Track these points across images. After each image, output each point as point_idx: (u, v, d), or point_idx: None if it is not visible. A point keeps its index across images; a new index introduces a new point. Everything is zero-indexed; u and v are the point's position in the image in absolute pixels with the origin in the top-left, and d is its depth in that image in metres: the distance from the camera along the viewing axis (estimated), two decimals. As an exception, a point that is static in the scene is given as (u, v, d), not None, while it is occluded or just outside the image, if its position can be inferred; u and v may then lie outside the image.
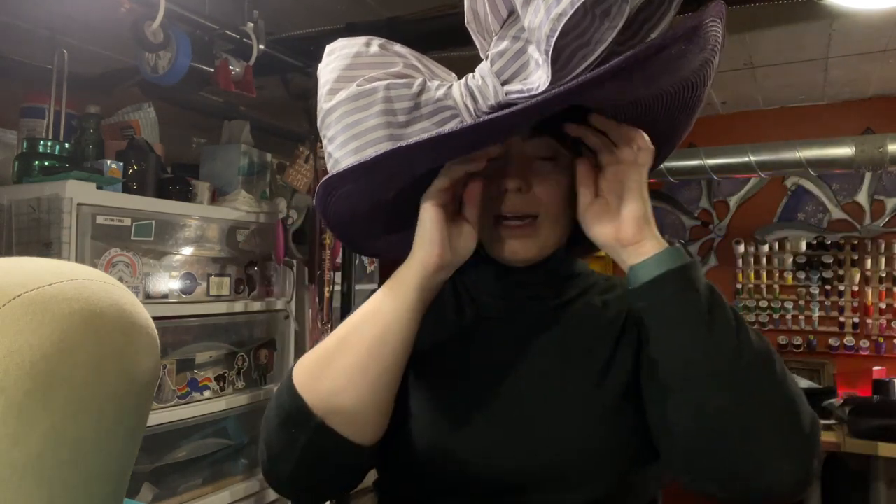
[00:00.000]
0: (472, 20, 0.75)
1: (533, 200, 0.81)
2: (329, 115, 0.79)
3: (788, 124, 3.55)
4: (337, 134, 0.78)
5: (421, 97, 0.75)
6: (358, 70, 0.79)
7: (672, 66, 0.69)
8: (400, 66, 0.79)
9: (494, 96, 0.72)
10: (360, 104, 0.76)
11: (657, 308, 0.73)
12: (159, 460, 2.13)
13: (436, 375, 0.84)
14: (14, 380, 0.44)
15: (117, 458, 0.52)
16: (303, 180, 2.50)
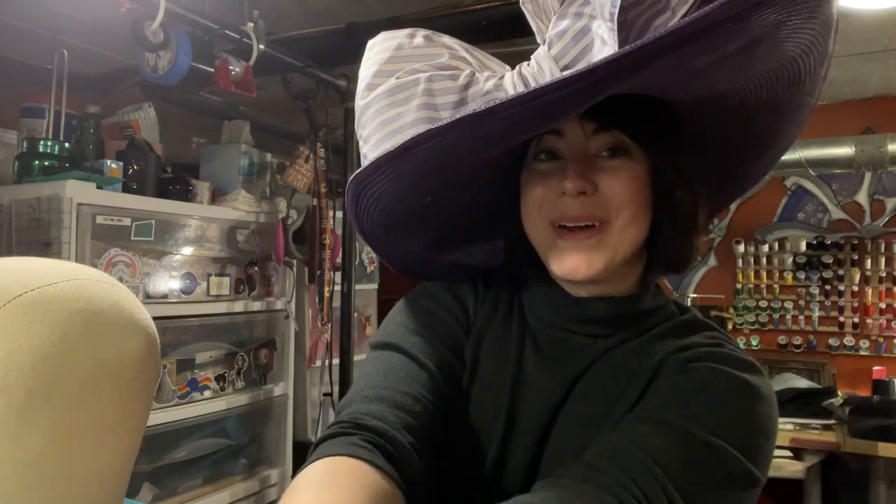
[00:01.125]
0: (528, 1, 0.66)
1: (599, 203, 0.67)
2: (364, 112, 0.70)
3: (788, 124, 3.55)
4: (371, 133, 0.68)
5: (468, 90, 0.66)
6: (399, 63, 0.69)
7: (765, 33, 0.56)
8: (446, 56, 0.69)
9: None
10: (398, 98, 0.67)
11: None
12: (159, 460, 2.13)
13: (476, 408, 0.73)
14: (14, 380, 0.44)
15: (117, 457, 0.52)
16: (303, 180, 2.50)
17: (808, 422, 2.96)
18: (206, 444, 2.31)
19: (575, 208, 0.67)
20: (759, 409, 0.64)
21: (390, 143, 0.65)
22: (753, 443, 0.62)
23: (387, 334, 0.75)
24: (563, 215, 0.67)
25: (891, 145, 2.99)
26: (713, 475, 0.60)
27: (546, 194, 0.68)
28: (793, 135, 0.74)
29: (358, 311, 3.02)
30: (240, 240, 2.39)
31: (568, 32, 0.62)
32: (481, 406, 0.72)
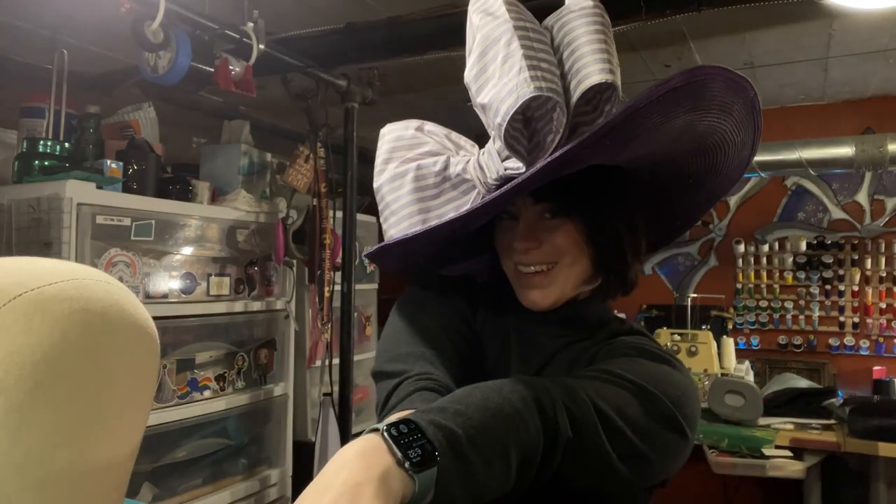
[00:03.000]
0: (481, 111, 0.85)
1: (545, 252, 0.87)
2: (378, 192, 0.94)
3: (788, 124, 3.55)
4: (383, 210, 0.93)
5: (446, 172, 0.88)
6: (398, 152, 0.93)
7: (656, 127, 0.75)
8: (429, 145, 0.92)
9: (497, 172, 0.83)
10: (395, 185, 0.91)
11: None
12: (159, 460, 2.13)
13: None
14: (15, 379, 0.44)
15: (117, 457, 0.52)
16: (303, 180, 2.50)
17: (808, 422, 2.96)
18: (206, 444, 2.31)
19: (528, 259, 0.87)
20: (678, 376, 0.82)
21: (393, 219, 0.91)
22: (677, 395, 0.78)
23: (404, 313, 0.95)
24: (520, 263, 0.88)
25: (891, 145, 2.99)
26: (646, 410, 0.75)
27: (509, 243, 0.88)
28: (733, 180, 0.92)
29: (358, 311, 3.02)
30: (240, 240, 2.39)
31: (499, 140, 0.80)
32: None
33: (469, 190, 0.87)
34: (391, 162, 0.93)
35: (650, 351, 0.85)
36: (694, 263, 3.93)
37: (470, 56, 0.81)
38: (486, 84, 0.78)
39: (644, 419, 0.74)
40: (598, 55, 0.76)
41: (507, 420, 0.65)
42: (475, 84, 0.79)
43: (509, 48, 0.76)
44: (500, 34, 0.77)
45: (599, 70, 0.75)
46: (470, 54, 0.81)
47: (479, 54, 0.79)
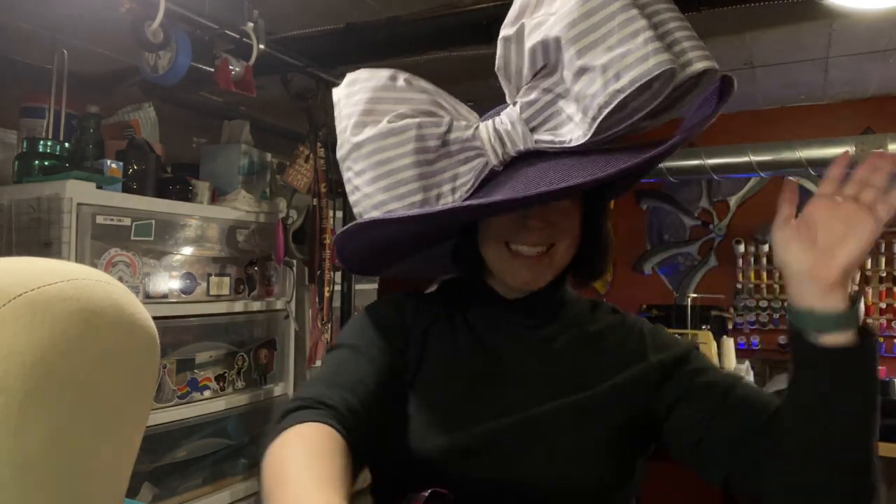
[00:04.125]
0: (503, 67, 0.80)
1: (550, 232, 0.84)
2: (358, 149, 0.82)
3: (788, 124, 3.55)
4: (367, 168, 0.82)
5: (449, 135, 0.80)
6: (384, 104, 0.82)
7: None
8: (426, 103, 0.83)
9: (523, 142, 0.78)
10: (392, 142, 0.80)
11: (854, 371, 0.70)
12: (159, 460, 2.13)
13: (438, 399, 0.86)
14: (14, 379, 0.44)
15: (117, 457, 0.52)
16: (303, 180, 2.50)
17: (808, 422, 2.96)
18: (206, 444, 2.30)
19: (531, 236, 0.83)
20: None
21: (386, 181, 0.80)
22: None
23: (342, 338, 0.91)
24: (521, 241, 0.83)
25: (891, 145, 2.99)
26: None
27: (507, 224, 0.84)
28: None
29: (358, 311, 3.02)
30: (240, 240, 2.39)
31: (537, 103, 0.78)
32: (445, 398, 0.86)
33: (472, 159, 0.81)
34: (377, 115, 0.82)
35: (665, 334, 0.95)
36: (694, 263, 3.93)
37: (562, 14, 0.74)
38: (596, 45, 0.72)
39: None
40: (694, 41, 0.74)
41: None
42: (576, 43, 0.72)
43: (627, 13, 0.72)
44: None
45: (702, 56, 0.73)
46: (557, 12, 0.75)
47: (584, 13, 0.72)
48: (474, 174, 0.81)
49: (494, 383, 0.86)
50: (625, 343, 0.91)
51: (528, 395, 0.85)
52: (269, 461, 0.69)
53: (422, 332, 0.91)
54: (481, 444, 0.83)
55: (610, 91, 0.72)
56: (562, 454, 0.83)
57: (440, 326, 0.92)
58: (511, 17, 0.79)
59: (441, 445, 0.83)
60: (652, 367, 0.88)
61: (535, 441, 0.83)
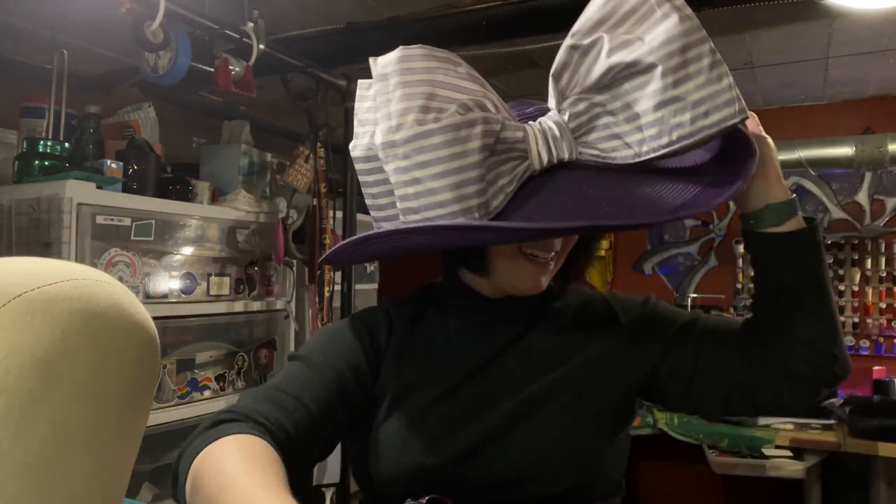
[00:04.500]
0: (560, 72, 0.81)
1: (564, 240, 0.89)
2: (426, 137, 0.74)
3: (788, 124, 3.55)
4: (436, 161, 0.74)
5: (501, 134, 0.76)
6: (447, 90, 0.76)
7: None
8: (481, 95, 0.78)
9: (569, 152, 0.79)
10: (463, 135, 0.74)
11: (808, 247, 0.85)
12: (159, 460, 2.13)
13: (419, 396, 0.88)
14: (14, 380, 0.44)
15: (117, 458, 0.52)
16: (303, 180, 2.50)
17: (808, 422, 2.96)
18: (206, 444, 2.30)
19: (551, 245, 0.86)
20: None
21: (455, 178, 0.74)
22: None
23: (302, 349, 0.92)
24: (542, 248, 0.86)
25: (891, 145, 2.99)
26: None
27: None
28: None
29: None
30: (240, 240, 2.39)
31: (585, 115, 0.80)
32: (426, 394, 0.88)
33: (513, 160, 0.77)
34: (441, 102, 0.75)
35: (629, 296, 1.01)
36: (694, 263, 3.93)
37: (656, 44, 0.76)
38: (688, 80, 0.76)
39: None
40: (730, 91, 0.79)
41: None
42: (674, 75, 0.75)
43: (714, 56, 0.76)
44: (702, 36, 0.76)
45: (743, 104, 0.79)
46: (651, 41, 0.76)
47: (681, 47, 0.75)
48: (517, 178, 0.78)
49: (475, 383, 0.89)
50: (591, 313, 0.97)
51: (509, 388, 0.88)
52: (206, 467, 0.68)
53: (398, 341, 0.92)
54: (462, 448, 0.84)
55: (698, 126, 0.76)
56: (548, 435, 0.85)
57: (418, 332, 0.94)
58: (585, 27, 0.80)
59: (428, 452, 0.84)
60: (624, 329, 0.94)
61: (519, 428, 0.85)
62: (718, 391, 0.90)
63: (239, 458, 0.68)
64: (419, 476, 0.83)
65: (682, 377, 0.91)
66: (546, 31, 2.14)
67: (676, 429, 3.03)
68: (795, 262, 0.85)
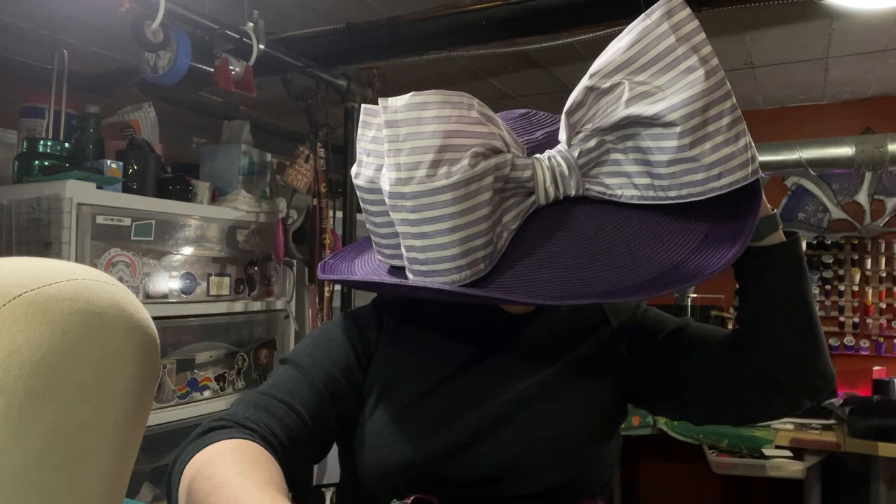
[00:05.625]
0: (574, 111, 0.79)
1: None
2: (436, 194, 0.71)
3: (788, 124, 3.55)
4: (446, 217, 0.72)
5: (510, 174, 0.75)
6: (460, 139, 0.72)
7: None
8: (494, 137, 0.75)
9: (576, 189, 0.79)
10: (474, 189, 0.72)
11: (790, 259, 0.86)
12: (159, 460, 2.13)
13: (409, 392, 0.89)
14: (14, 380, 0.44)
15: (117, 457, 0.52)
16: (303, 180, 2.50)
17: (808, 422, 2.96)
18: (206, 444, 2.30)
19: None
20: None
21: (465, 232, 0.72)
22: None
23: (291, 353, 0.92)
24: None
25: (891, 145, 2.99)
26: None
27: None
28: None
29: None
30: (240, 240, 2.39)
31: (595, 152, 0.79)
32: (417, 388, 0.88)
33: (520, 195, 0.78)
34: (452, 153, 0.72)
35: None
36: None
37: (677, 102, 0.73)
38: (705, 140, 0.74)
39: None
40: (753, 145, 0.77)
41: None
42: (691, 136, 0.73)
43: (734, 114, 0.74)
44: (725, 93, 0.74)
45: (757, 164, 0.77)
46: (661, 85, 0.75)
47: (702, 107, 0.73)
48: (522, 214, 0.78)
49: (464, 378, 0.89)
50: (582, 313, 0.98)
51: (498, 384, 0.89)
52: (199, 472, 0.68)
53: (388, 337, 0.93)
54: (453, 442, 0.85)
55: (709, 187, 0.75)
56: (537, 433, 0.86)
57: (408, 328, 0.94)
58: (605, 69, 0.76)
59: (416, 448, 0.84)
60: (615, 331, 0.96)
61: (509, 425, 0.86)
62: (704, 399, 0.91)
63: (231, 460, 0.68)
64: (406, 472, 0.84)
65: (669, 383, 0.93)
66: (546, 31, 2.14)
67: (676, 429, 3.03)
68: (777, 276, 0.86)
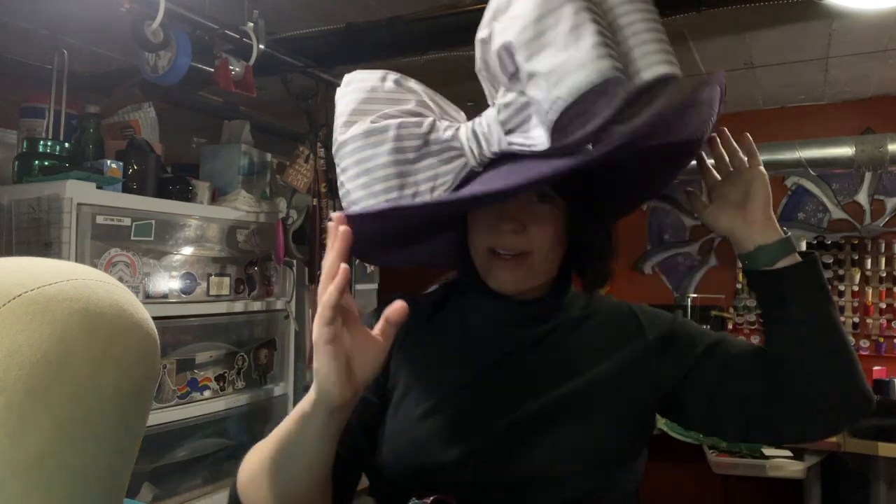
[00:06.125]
0: (483, 69, 0.82)
1: (527, 239, 0.86)
2: (343, 147, 0.85)
3: (788, 124, 3.55)
4: (349, 166, 0.84)
5: (430, 136, 0.82)
6: (372, 104, 0.84)
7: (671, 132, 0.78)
8: (412, 103, 0.84)
9: (498, 144, 0.79)
10: (371, 141, 0.82)
11: (807, 281, 0.87)
12: (159, 460, 2.13)
13: (434, 391, 0.88)
14: (14, 379, 0.44)
15: (117, 457, 0.52)
16: (303, 180, 2.50)
17: (808, 422, 2.96)
18: (206, 444, 2.30)
19: (509, 242, 0.85)
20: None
21: (364, 178, 0.83)
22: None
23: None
24: (499, 245, 0.86)
25: (891, 145, 2.99)
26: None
27: (487, 227, 0.86)
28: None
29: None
30: (240, 240, 2.39)
31: (512, 105, 0.78)
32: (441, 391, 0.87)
33: (453, 159, 0.83)
34: (364, 115, 0.84)
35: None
36: (694, 263, 3.93)
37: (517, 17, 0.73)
38: (542, 50, 0.71)
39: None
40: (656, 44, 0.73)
41: None
42: (526, 49, 0.72)
43: (576, 18, 0.71)
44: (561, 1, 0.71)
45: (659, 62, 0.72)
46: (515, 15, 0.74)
47: (535, 18, 0.72)
48: (454, 174, 0.83)
49: (492, 381, 0.88)
50: (616, 323, 0.95)
51: (524, 392, 0.87)
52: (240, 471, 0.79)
53: (414, 334, 0.92)
54: (480, 446, 0.83)
55: (551, 98, 0.72)
56: (569, 443, 0.84)
57: (436, 326, 0.93)
58: (485, 19, 0.79)
59: (438, 451, 0.83)
60: (650, 344, 0.93)
61: (533, 436, 0.84)
62: (739, 415, 0.88)
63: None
64: (430, 474, 0.83)
65: (704, 398, 0.90)
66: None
67: (676, 429, 3.03)
68: (796, 298, 0.85)
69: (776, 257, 0.86)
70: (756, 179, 0.91)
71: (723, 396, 0.89)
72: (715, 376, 0.90)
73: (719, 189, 0.95)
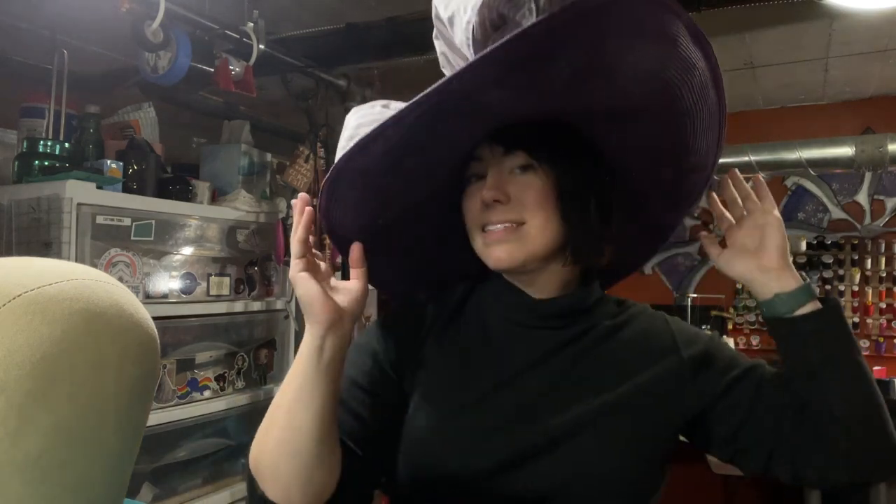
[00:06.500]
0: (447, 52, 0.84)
1: (516, 208, 0.84)
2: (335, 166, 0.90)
3: (788, 124, 3.55)
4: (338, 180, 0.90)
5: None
6: (363, 128, 0.87)
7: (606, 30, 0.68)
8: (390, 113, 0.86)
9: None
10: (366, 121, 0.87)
11: (829, 328, 0.84)
12: (159, 460, 2.13)
13: (453, 394, 0.86)
14: (14, 379, 0.44)
15: (117, 457, 0.52)
16: (303, 180, 2.50)
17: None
18: (206, 444, 2.30)
19: (495, 215, 0.84)
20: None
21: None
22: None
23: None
24: (488, 220, 0.85)
25: (891, 145, 2.99)
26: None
27: (476, 206, 0.86)
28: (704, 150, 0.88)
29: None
30: (240, 240, 2.39)
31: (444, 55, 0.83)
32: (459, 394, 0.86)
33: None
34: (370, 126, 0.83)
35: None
36: (694, 263, 3.93)
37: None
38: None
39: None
40: None
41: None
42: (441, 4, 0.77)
43: None
44: None
45: None
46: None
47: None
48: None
49: (515, 388, 0.85)
50: (649, 337, 0.92)
51: (551, 401, 0.84)
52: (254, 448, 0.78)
53: (435, 335, 0.90)
54: (505, 456, 0.81)
55: (464, 26, 0.72)
56: (594, 459, 0.82)
57: (458, 327, 0.91)
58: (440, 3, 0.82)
59: (464, 458, 0.82)
60: (684, 362, 0.90)
61: (555, 452, 0.82)
62: (763, 448, 0.86)
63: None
64: (448, 484, 0.82)
65: (733, 425, 0.87)
66: (546, 31, 2.14)
67: (676, 429, 3.03)
68: (817, 344, 0.83)
69: (795, 305, 0.84)
70: (770, 225, 0.88)
71: (751, 426, 0.86)
72: (747, 404, 0.87)
73: (733, 234, 0.92)
